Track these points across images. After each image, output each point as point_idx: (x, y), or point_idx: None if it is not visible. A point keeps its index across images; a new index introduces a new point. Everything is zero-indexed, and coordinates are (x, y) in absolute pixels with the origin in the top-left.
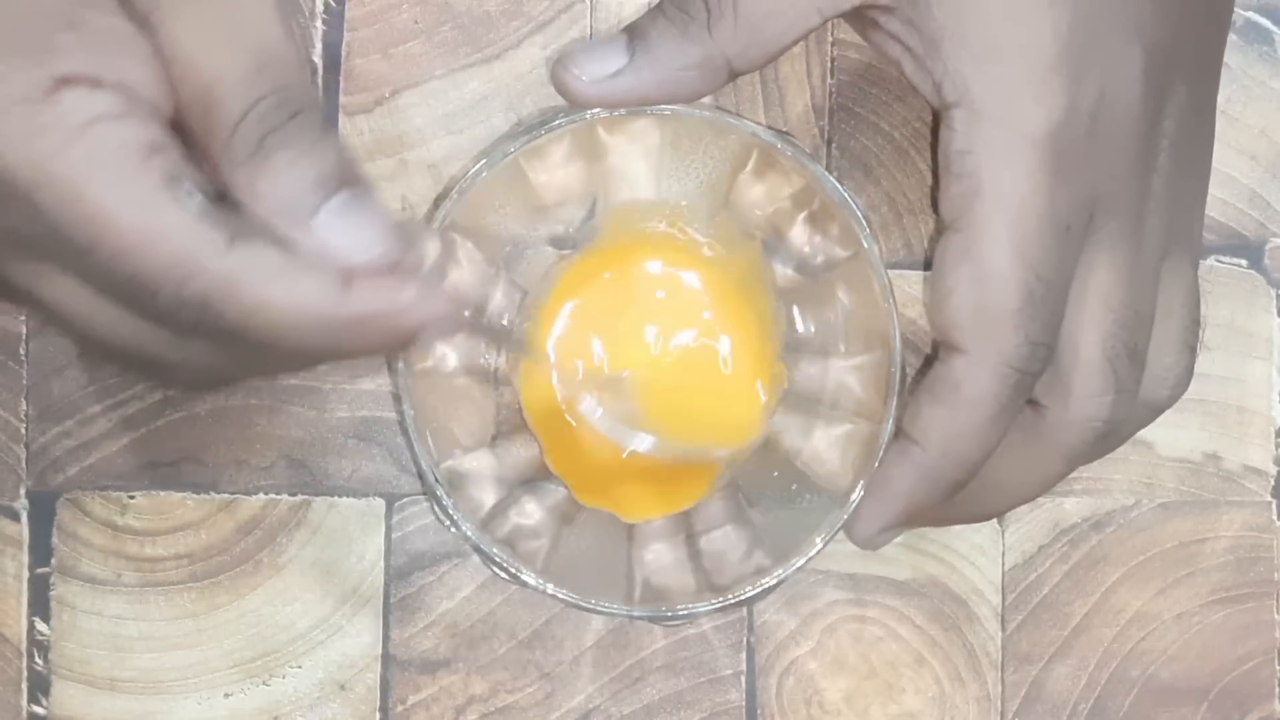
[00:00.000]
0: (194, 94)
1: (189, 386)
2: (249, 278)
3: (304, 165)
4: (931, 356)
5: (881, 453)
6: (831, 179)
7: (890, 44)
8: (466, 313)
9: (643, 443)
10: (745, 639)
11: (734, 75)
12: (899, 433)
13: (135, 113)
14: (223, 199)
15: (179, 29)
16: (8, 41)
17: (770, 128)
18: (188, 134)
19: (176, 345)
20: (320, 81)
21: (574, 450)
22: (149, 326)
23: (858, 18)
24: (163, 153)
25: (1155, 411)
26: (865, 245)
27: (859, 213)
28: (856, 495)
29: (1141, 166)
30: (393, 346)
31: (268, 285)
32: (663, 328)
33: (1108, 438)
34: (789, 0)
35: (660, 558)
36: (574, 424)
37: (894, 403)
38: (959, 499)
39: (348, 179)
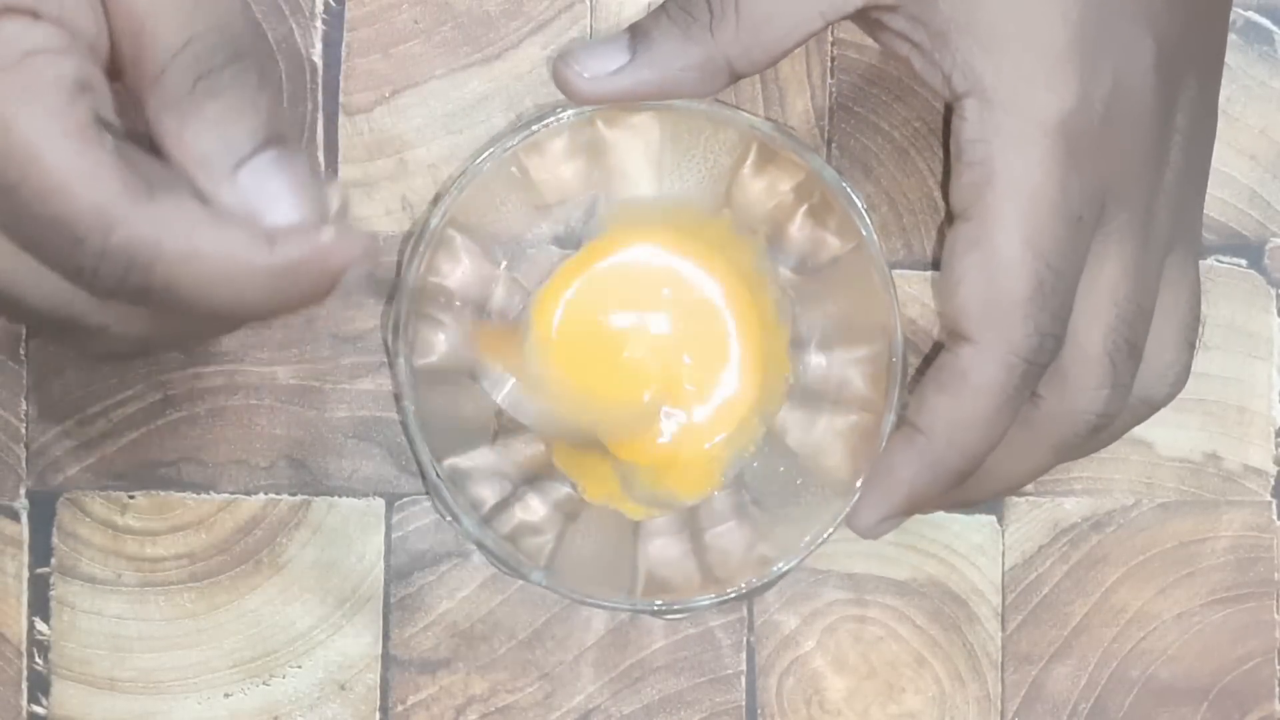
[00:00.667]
0: (128, 29)
1: (108, 353)
2: (173, 229)
3: (232, 118)
4: (935, 349)
5: (884, 444)
6: (830, 169)
7: (897, 42)
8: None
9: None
10: (746, 639)
11: (735, 77)
12: (903, 421)
13: (73, 49)
14: (150, 148)
15: None
16: None
17: (768, 119)
18: (122, 77)
19: (99, 307)
20: (320, 81)
21: (579, 448)
22: (71, 286)
23: (862, 18)
24: (94, 92)
25: (1152, 408)
26: (865, 235)
27: (858, 203)
28: (860, 487)
29: (1154, 159)
30: (317, 295)
31: (193, 238)
32: (661, 325)
33: (1100, 432)
34: (792, 3)
35: (665, 553)
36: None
37: (895, 394)
38: None
39: (274, 136)
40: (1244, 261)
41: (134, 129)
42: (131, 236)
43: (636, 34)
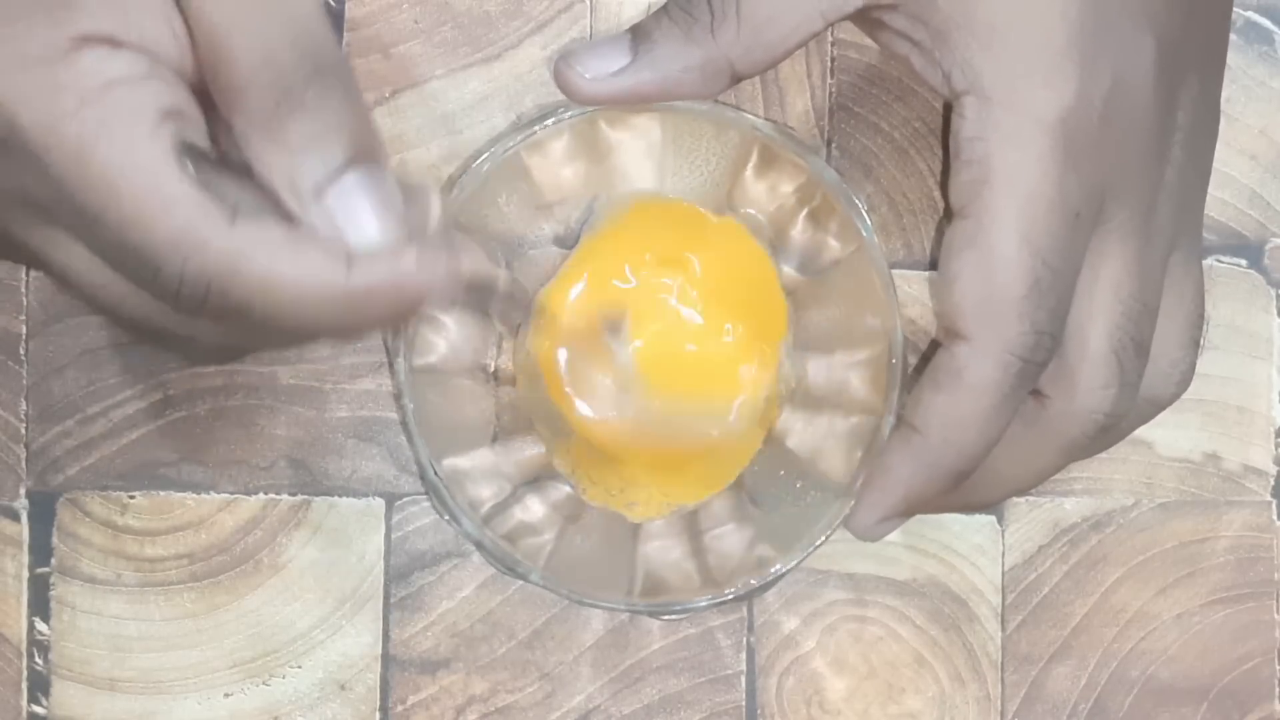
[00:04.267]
0: (210, 49)
1: (201, 359)
2: (252, 256)
3: (318, 137)
4: (933, 348)
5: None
6: (831, 171)
7: (897, 41)
8: (467, 270)
9: (631, 407)
10: (745, 639)
11: (736, 78)
12: (900, 421)
13: (155, 76)
14: (238, 167)
15: None
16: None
17: (769, 120)
18: (210, 98)
19: (184, 321)
20: None
21: (579, 449)
22: (156, 301)
23: (862, 18)
24: (177, 119)
25: (1157, 407)
26: (866, 237)
27: (859, 205)
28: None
29: (1154, 157)
30: (400, 318)
31: (271, 263)
32: (666, 327)
33: (1108, 431)
34: (792, 4)
35: (664, 554)
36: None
37: (895, 396)
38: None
39: (361, 155)
40: (1244, 261)
41: (229, 151)
42: (207, 263)
43: (638, 35)
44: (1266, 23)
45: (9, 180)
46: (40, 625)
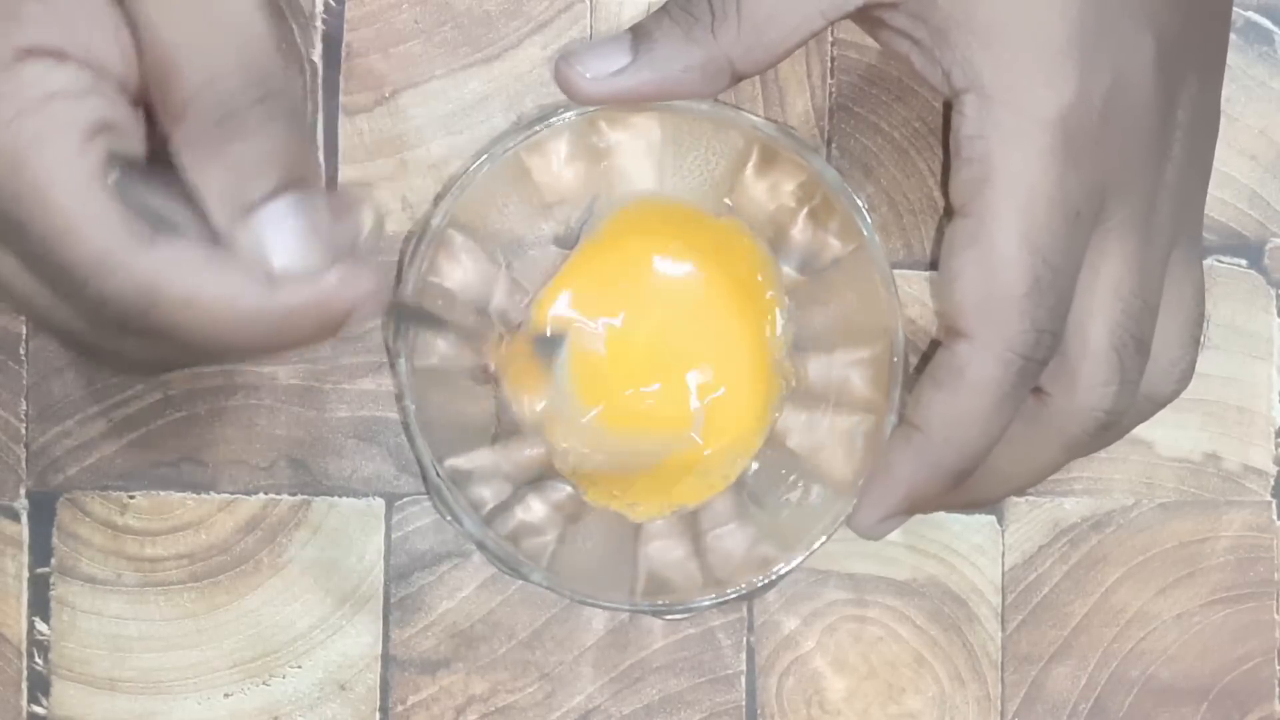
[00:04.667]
0: (156, 65)
1: (130, 372)
2: (172, 276)
3: (252, 160)
4: (933, 347)
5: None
6: (832, 170)
7: (898, 40)
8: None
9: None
10: (745, 639)
11: (737, 78)
12: (902, 420)
13: (95, 90)
14: (173, 182)
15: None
16: None
17: (770, 119)
18: (153, 111)
19: (110, 335)
20: (320, 81)
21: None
22: (82, 316)
23: (863, 17)
24: (111, 133)
25: (1157, 405)
26: (866, 237)
27: (859, 204)
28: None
29: (1155, 155)
30: (324, 335)
31: (191, 283)
32: (663, 328)
33: (1108, 429)
34: (793, 3)
35: (666, 554)
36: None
37: (896, 395)
38: None
39: (293, 179)
40: (1244, 261)
41: (167, 166)
42: (129, 281)
43: (638, 35)
44: (1266, 23)
45: None
46: (40, 625)
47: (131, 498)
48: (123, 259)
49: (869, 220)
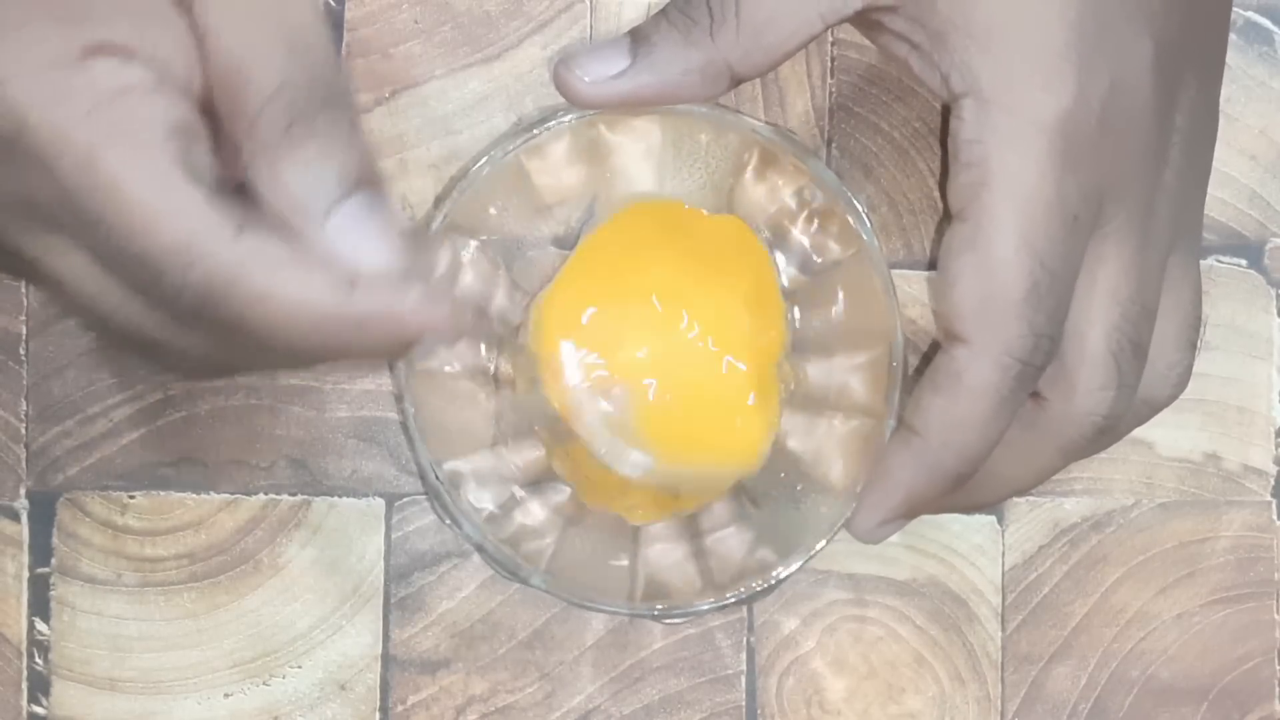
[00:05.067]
0: (224, 72)
1: (188, 374)
2: (253, 269)
3: (327, 161)
4: (933, 349)
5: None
6: (831, 174)
7: (896, 43)
8: (470, 318)
9: (637, 466)
10: (745, 639)
11: (736, 81)
12: (901, 423)
13: (165, 89)
14: (241, 188)
15: (215, 5)
16: (45, 5)
17: (769, 123)
18: (215, 118)
19: (179, 332)
20: None
21: (578, 454)
22: (153, 310)
23: (861, 21)
24: (185, 133)
25: (1154, 409)
26: (866, 239)
27: (859, 207)
28: (859, 492)
29: (1153, 159)
30: (393, 351)
31: (271, 278)
32: (665, 335)
33: (1106, 433)
34: (792, 6)
35: (665, 557)
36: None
37: (896, 398)
38: None
39: (367, 180)
40: (1244, 261)
41: (229, 175)
42: (210, 272)
43: (637, 38)
44: (1266, 23)
45: (14, 184)
46: (40, 625)
47: (131, 498)
48: (207, 248)
49: (869, 224)
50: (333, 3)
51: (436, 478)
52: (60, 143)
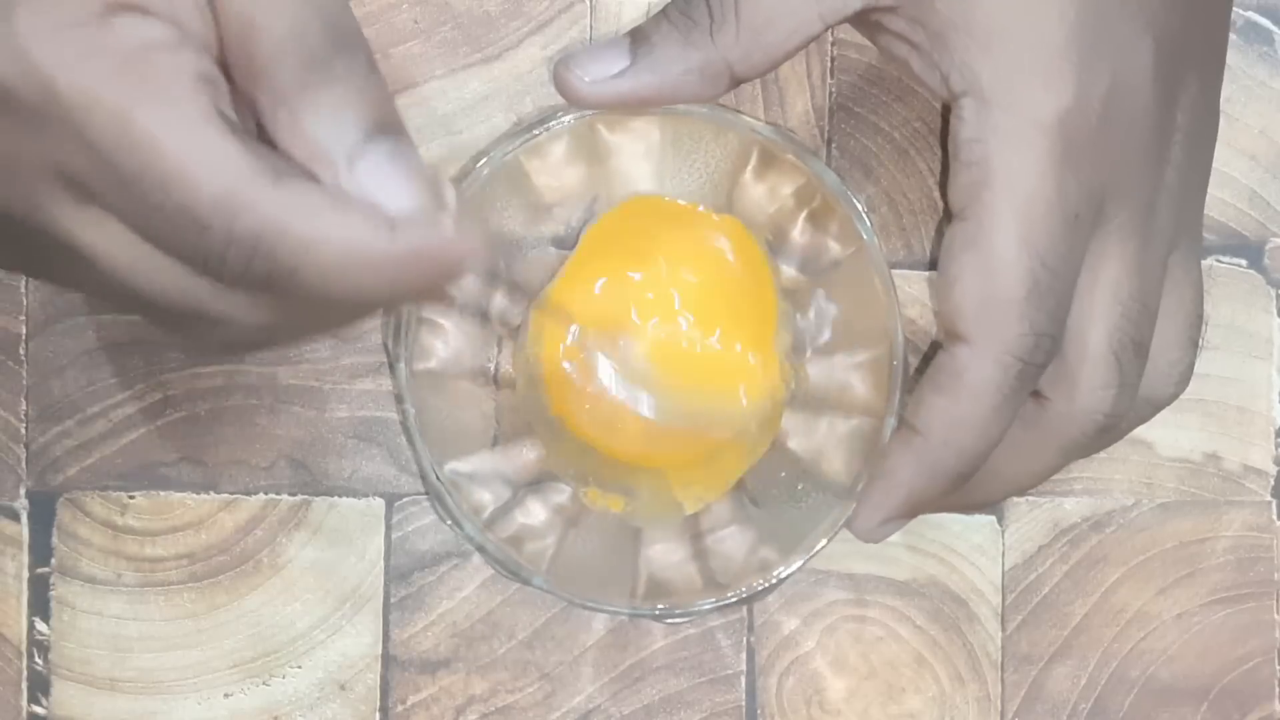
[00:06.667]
0: (237, 26)
1: (231, 344)
2: (299, 215)
3: (347, 106)
4: (934, 349)
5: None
6: (831, 173)
7: (896, 44)
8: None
9: (645, 403)
10: (745, 639)
11: (736, 81)
12: (902, 422)
13: (187, 44)
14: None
15: None
16: None
17: (769, 123)
18: (230, 74)
19: (220, 295)
20: None
21: (579, 453)
22: (192, 275)
23: (861, 21)
24: (213, 85)
25: (1156, 407)
26: (866, 239)
27: (859, 207)
28: (860, 491)
29: (1154, 157)
30: (437, 287)
31: (317, 224)
32: (668, 326)
33: (1107, 432)
34: (791, 7)
35: (666, 557)
36: (577, 381)
37: (896, 397)
38: None
39: (390, 125)
40: (1244, 261)
41: (247, 131)
42: (257, 221)
43: (637, 38)
44: (1266, 23)
45: (44, 152)
46: (40, 625)
47: (131, 498)
48: (251, 197)
49: (869, 223)
50: None
51: (437, 478)
52: (91, 102)
